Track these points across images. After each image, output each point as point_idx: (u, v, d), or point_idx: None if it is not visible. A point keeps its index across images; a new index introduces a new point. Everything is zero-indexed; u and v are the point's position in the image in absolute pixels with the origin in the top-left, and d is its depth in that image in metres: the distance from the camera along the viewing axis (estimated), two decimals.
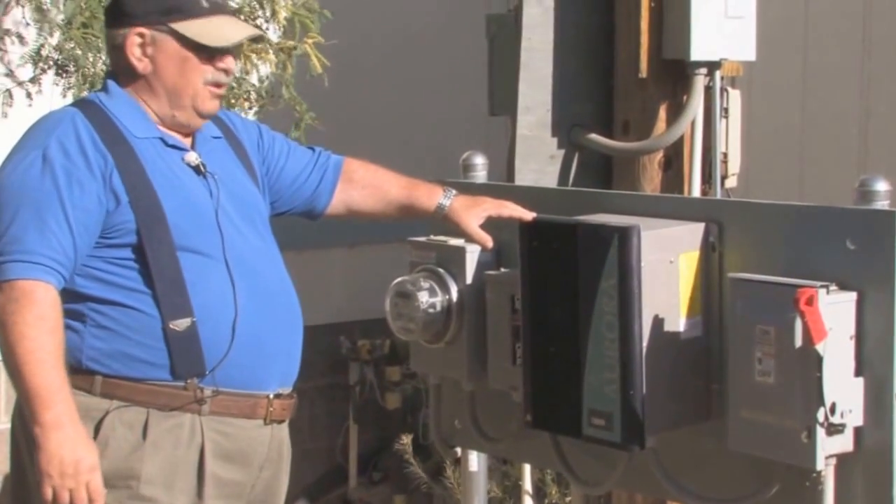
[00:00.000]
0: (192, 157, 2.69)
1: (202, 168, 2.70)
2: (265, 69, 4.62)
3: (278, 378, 2.71)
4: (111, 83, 2.70)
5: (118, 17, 2.66)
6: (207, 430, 2.63)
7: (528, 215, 2.54)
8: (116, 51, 2.67)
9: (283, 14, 4.47)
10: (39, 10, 4.12)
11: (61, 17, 4.12)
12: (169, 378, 2.58)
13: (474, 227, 2.71)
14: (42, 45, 4.17)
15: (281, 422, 2.74)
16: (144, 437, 2.56)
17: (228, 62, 2.67)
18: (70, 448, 2.44)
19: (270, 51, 4.51)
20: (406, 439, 4.63)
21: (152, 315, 2.57)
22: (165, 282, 2.57)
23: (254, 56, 4.50)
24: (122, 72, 2.67)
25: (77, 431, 2.47)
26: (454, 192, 2.78)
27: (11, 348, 2.44)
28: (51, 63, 4.17)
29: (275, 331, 2.69)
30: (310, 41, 4.57)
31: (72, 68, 4.10)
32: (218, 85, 2.67)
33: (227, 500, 2.67)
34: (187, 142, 2.71)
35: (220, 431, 2.65)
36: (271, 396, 2.69)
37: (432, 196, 2.80)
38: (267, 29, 4.56)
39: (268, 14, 4.52)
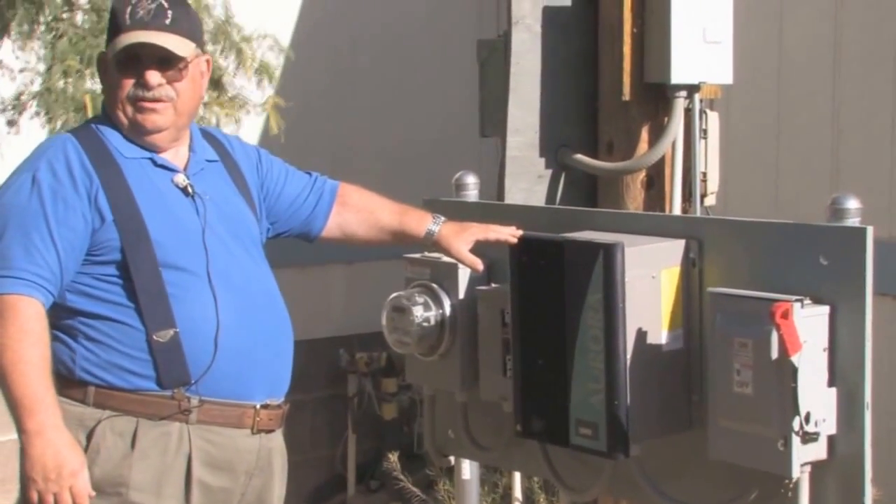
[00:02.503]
0: (181, 178, 2.69)
1: (190, 189, 2.69)
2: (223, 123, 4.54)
3: (265, 389, 2.70)
4: (105, 106, 2.74)
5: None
6: (195, 438, 2.62)
7: (513, 239, 2.54)
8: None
9: (249, 63, 4.39)
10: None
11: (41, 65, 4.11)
12: (156, 388, 2.58)
13: (463, 251, 2.70)
14: (21, 93, 4.17)
15: (269, 431, 2.73)
16: (133, 446, 2.56)
17: (148, 76, 2.60)
18: (52, 453, 2.45)
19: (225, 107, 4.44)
20: (393, 457, 4.63)
21: (137, 328, 2.58)
22: (148, 296, 2.58)
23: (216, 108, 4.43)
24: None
25: (60, 437, 2.47)
26: (443, 218, 2.76)
27: None
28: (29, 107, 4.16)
29: (260, 343, 2.67)
30: (270, 103, 4.52)
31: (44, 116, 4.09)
32: (142, 99, 2.62)
33: (201, 499, 2.65)
34: (178, 163, 2.70)
35: (207, 440, 2.64)
36: (258, 406, 2.68)
37: (422, 222, 2.78)
38: (235, 76, 4.49)
39: (233, 65, 4.44)
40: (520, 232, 2.54)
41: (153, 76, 2.62)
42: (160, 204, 2.65)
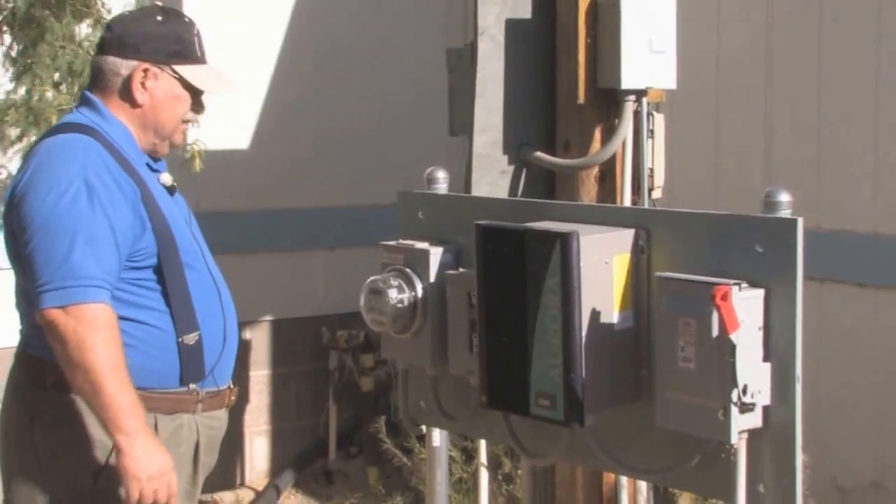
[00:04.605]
0: (167, 178, 2.64)
1: (174, 188, 2.65)
2: None
3: (232, 370, 2.70)
4: (100, 105, 2.58)
5: (124, 49, 2.57)
6: (200, 426, 2.62)
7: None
8: (115, 77, 2.57)
9: None
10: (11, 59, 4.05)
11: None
12: (176, 385, 2.54)
13: None
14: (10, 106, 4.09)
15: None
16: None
17: (203, 104, 2.63)
18: (154, 453, 2.39)
19: None
20: (380, 421, 4.62)
21: (168, 331, 2.52)
22: (178, 300, 2.52)
23: None
24: (114, 96, 2.57)
25: (153, 439, 2.41)
26: None
27: (91, 366, 2.32)
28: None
29: (234, 329, 2.67)
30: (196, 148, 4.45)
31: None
32: (185, 121, 2.64)
33: (202, 479, 2.67)
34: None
35: (208, 426, 2.64)
36: (232, 386, 2.69)
37: None
38: None
39: None
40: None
41: (205, 105, 2.63)
42: (165, 206, 2.59)
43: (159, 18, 2.59)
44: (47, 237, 2.37)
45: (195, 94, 2.61)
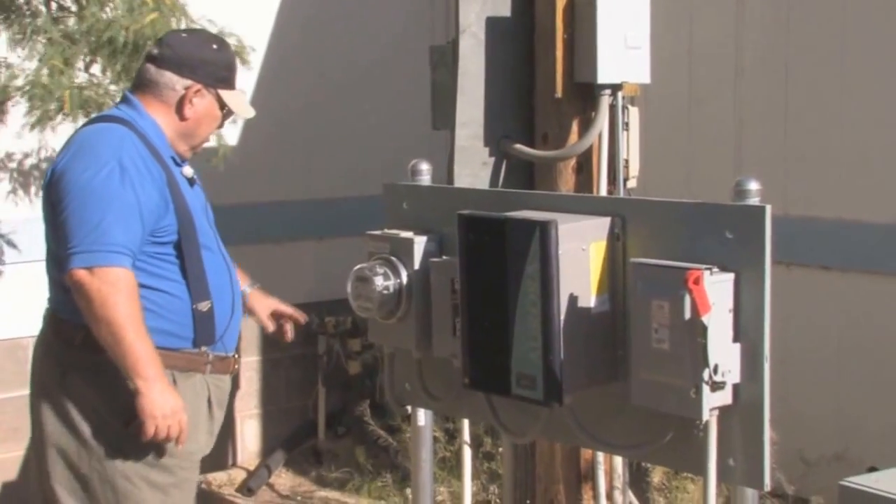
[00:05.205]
0: (188, 170, 2.88)
1: (195, 179, 2.88)
2: None
3: (237, 340, 2.92)
4: (139, 105, 2.82)
5: (181, 68, 2.81)
6: (210, 384, 2.84)
7: (300, 318, 2.94)
8: (169, 91, 2.81)
9: None
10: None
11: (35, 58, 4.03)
12: (190, 346, 2.76)
13: (262, 314, 3.07)
14: (6, 85, 4.10)
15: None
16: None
17: (224, 123, 2.93)
18: (168, 396, 2.62)
19: None
20: (364, 405, 4.64)
21: (184, 299, 2.73)
22: (194, 273, 2.74)
23: None
24: (162, 104, 2.81)
25: (167, 383, 2.64)
26: (258, 284, 3.13)
27: (112, 320, 2.56)
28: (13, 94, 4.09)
29: (240, 305, 2.91)
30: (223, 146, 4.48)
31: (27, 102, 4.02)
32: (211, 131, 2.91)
33: (216, 430, 2.94)
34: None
35: (216, 386, 2.86)
36: (236, 356, 2.91)
37: (242, 281, 3.07)
38: None
39: None
40: (305, 316, 2.87)
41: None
42: (187, 193, 2.82)
43: (215, 47, 2.87)
44: (81, 207, 2.61)
45: (226, 116, 2.90)
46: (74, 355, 2.73)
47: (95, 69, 4.07)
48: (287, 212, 5.59)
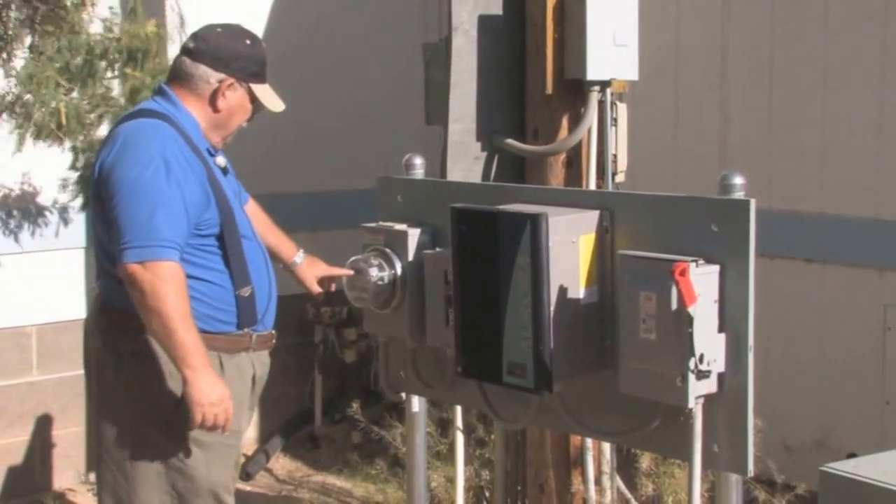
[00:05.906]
0: (221, 160, 2.92)
1: (228, 168, 2.93)
2: None
3: (274, 318, 2.96)
4: (175, 97, 2.85)
5: (217, 62, 2.84)
6: (255, 362, 2.91)
7: (348, 272, 2.78)
8: (203, 84, 2.83)
9: None
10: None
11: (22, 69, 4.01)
12: (234, 329, 2.82)
13: (311, 282, 3.10)
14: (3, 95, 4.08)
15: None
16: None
17: (253, 116, 2.93)
18: (215, 385, 2.65)
19: None
20: (353, 402, 4.67)
21: (227, 287, 2.79)
22: (236, 263, 2.80)
23: None
24: (196, 97, 2.83)
25: (213, 373, 2.68)
26: (303, 253, 3.15)
27: (164, 312, 2.59)
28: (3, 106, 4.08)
29: (275, 287, 2.95)
30: None
31: (18, 111, 4.01)
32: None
33: (255, 404, 3.01)
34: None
35: (260, 362, 2.94)
36: (273, 332, 2.96)
37: (291, 252, 3.13)
38: None
39: None
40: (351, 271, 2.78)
41: None
42: (224, 184, 2.85)
43: (248, 42, 2.89)
44: (131, 204, 2.65)
45: (256, 109, 2.92)
46: (129, 340, 2.77)
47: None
48: (282, 205, 5.57)
